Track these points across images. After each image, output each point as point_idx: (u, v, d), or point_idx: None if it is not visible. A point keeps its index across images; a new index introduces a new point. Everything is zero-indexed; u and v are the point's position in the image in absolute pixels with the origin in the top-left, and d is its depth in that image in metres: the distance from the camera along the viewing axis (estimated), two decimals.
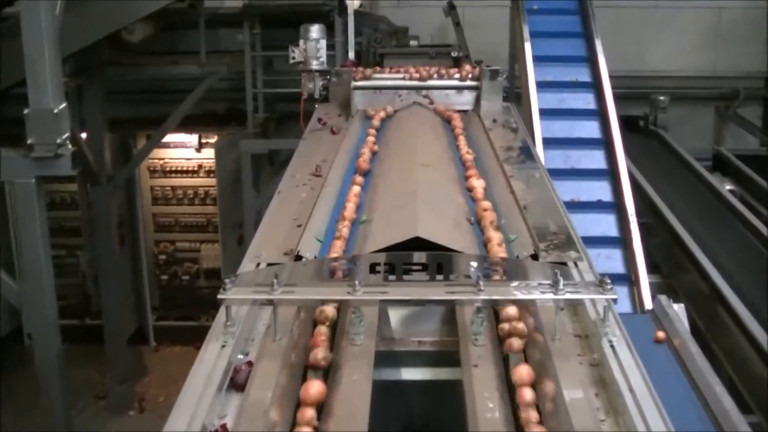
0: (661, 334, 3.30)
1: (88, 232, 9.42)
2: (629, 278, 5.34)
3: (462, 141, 4.40)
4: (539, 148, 5.87)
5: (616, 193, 5.79)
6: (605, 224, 5.65)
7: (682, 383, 3.00)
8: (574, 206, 5.60)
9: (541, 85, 6.43)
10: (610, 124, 6.12)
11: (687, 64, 10.30)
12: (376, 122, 4.79)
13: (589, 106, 6.40)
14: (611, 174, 5.93)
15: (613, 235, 5.59)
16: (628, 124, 8.29)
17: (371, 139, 4.37)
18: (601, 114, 6.33)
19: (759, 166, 8.05)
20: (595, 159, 6.06)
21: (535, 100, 6.26)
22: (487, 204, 3.34)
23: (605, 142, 6.13)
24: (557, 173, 5.73)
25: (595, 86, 6.52)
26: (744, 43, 10.22)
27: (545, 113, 6.22)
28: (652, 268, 5.70)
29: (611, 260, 5.44)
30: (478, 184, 3.61)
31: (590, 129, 6.23)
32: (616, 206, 5.72)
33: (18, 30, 5.24)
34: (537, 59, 6.59)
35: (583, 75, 6.57)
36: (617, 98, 6.37)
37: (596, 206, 5.73)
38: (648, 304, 4.99)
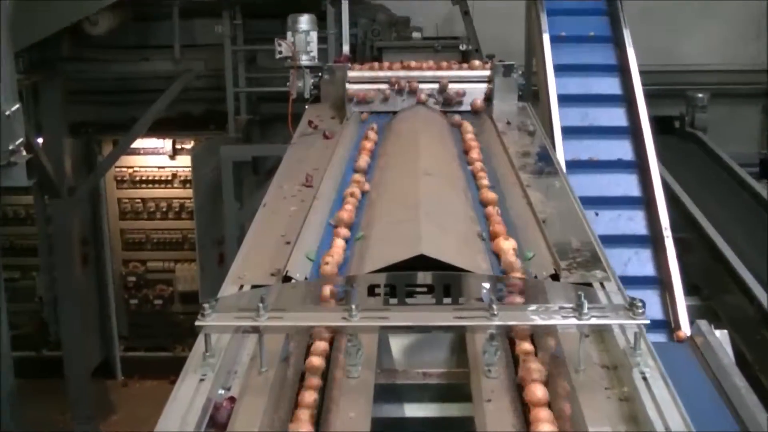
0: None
1: (46, 251, 9.42)
2: (652, 239, 5.54)
3: (483, 181, 3.95)
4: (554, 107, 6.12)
5: (638, 153, 5.99)
6: (626, 184, 5.86)
7: (726, 421, 3.00)
8: (592, 166, 5.90)
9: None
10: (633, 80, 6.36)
11: (729, 56, 10.30)
12: (363, 161, 4.24)
13: (609, 61, 6.67)
14: (632, 132, 6.16)
15: (634, 195, 5.80)
16: (661, 125, 8.30)
17: (356, 190, 3.82)
18: (621, 69, 6.56)
19: None
20: (615, 116, 6.29)
21: (555, 106, 6.33)
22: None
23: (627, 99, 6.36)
24: (573, 131, 6.06)
25: (615, 40, 6.77)
26: None
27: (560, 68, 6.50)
28: (690, 290, 5.71)
29: (633, 221, 5.63)
30: (508, 246, 3.17)
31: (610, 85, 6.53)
32: (638, 166, 5.94)
33: None
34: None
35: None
36: (648, 96, 6.41)
37: (616, 165, 6.00)
38: (686, 331, 5.00)
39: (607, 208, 5.65)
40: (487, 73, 5.25)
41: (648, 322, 2.34)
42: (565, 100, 6.33)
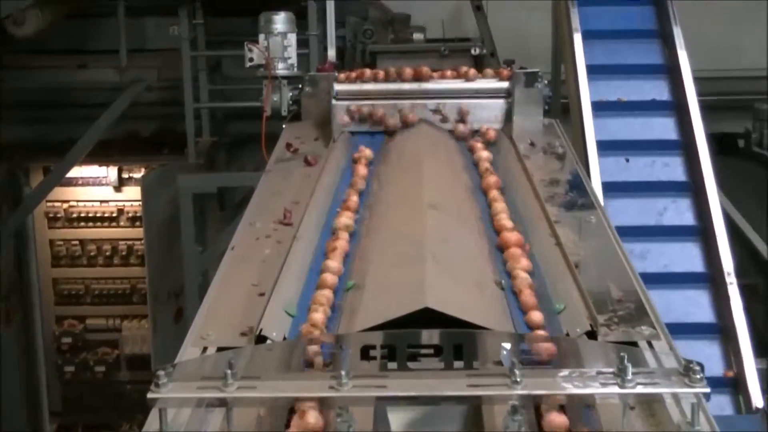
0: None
1: None
2: (692, 186, 5.96)
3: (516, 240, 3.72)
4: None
5: (676, 93, 6.37)
6: (661, 128, 6.26)
7: None
8: (622, 107, 6.35)
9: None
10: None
11: None
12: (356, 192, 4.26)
13: None
14: (668, 70, 6.55)
15: (672, 138, 6.19)
16: (722, 144, 8.34)
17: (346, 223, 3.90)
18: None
19: None
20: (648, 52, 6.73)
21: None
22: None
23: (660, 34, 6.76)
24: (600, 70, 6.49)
25: None
26: None
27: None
28: (761, 350, 5.73)
29: (669, 167, 6.07)
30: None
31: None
32: (676, 106, 6.33)
33: None
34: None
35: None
36: (704, 109, 6.47)
37: (650, 107, 6.40)
38: (757, 401, 5.01)
39: (639, 155, 6.11)
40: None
41: (708, 390, 2.34)
42: (590, 36, 6.64)
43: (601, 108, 6.31)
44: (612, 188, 6.04)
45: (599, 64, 6.67)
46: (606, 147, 6.17)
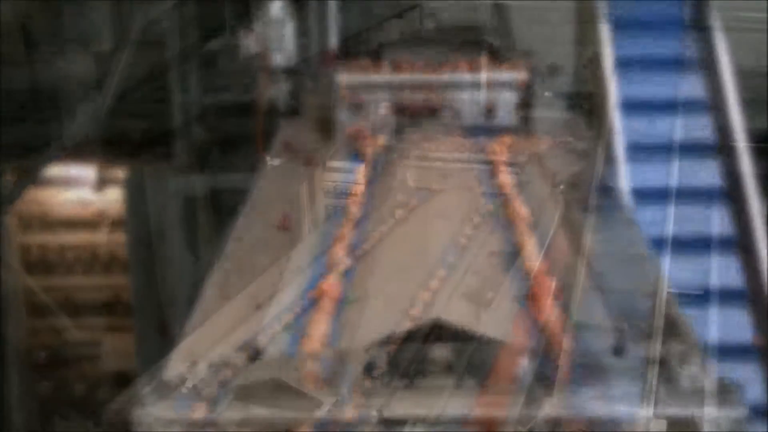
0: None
1: None
2: (723, 149, 6.02)
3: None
4: None
5: (705, 49, 6.49)
6: (689, 87, 6.33)
7: None
8: (647, 66, 6.37)
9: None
10: None
11: None
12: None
13: None
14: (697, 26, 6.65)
15: (700, 98, 6.28)
16: (763, 150, 8.32)
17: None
18: None
19: None
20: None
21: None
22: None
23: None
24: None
25: None
26: None
27: None
28: None
29: (699, 128, 6.14)
30: None
31: None
32: (705, 64, 6.43)
33: None
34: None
35: None
36: (745, 106, 6.50)
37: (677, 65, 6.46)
38: None
39: (664, 115, 6.17)
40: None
41: (746, 412, 2.34)
42: None
43: (625, 66, 6.40)
44: (639, 150, 6.11)
45: (623, 20, 6.72)
46: (631, 107, 6.24)
